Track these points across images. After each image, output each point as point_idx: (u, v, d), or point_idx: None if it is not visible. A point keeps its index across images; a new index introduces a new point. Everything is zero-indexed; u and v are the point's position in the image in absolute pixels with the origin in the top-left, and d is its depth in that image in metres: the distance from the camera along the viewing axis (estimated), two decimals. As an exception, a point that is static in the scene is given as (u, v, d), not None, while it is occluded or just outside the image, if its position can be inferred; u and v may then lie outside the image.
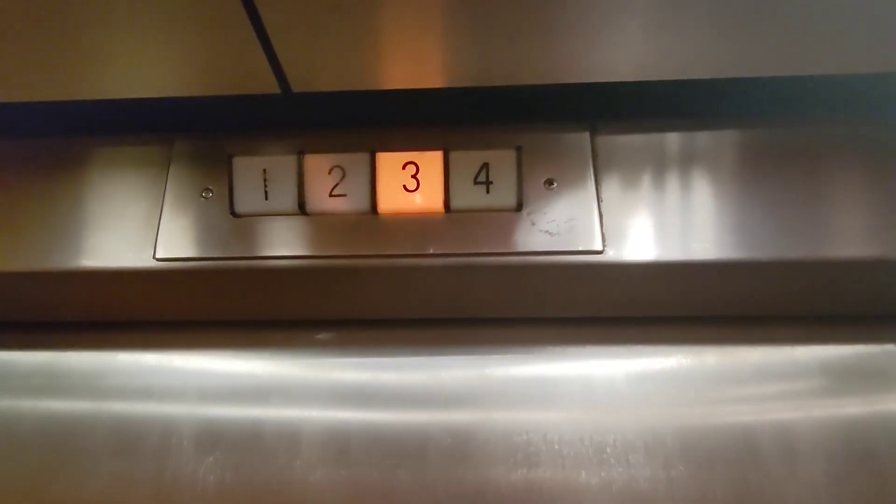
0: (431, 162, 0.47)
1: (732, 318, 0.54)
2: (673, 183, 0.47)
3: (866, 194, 0.46)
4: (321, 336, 0.57)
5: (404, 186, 0.48)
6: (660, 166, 0.48)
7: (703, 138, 0.48)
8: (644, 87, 0.45)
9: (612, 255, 0.47)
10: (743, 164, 0.47)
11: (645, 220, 0.47)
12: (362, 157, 0.48)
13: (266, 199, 0.49)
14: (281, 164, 0.49)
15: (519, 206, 0.47)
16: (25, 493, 0.54)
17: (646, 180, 0.48)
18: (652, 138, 0.48)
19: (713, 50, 0.40)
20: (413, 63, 0.42)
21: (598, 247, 0.46)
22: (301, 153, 0.49)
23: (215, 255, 0.49)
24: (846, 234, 0.46)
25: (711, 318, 0.54)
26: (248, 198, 0.49)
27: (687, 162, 0.48)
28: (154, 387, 0.55)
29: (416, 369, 0.55)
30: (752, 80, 0.44)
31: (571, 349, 0.55)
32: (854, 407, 0.51)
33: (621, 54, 0.41)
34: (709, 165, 0.47)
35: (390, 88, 0.44)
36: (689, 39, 0.39)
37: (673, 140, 0.48)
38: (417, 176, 0.47)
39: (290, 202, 0.48)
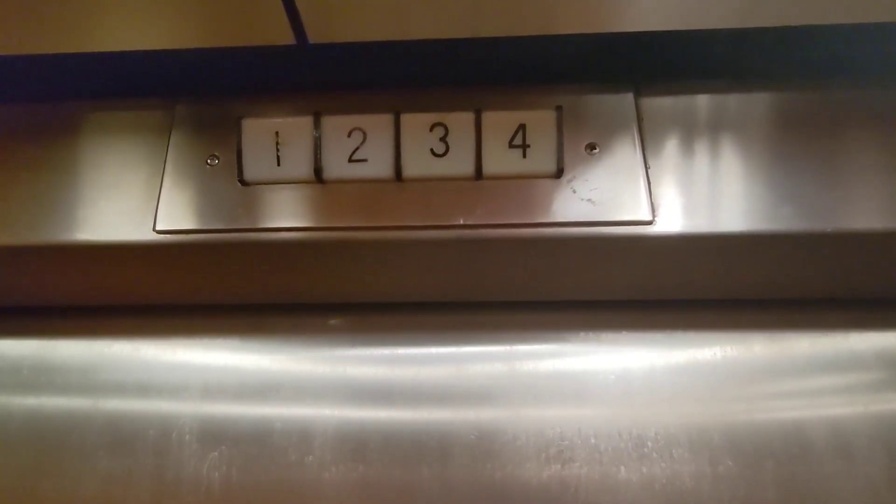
0: (462, 123, 0.43)
1: (781, 301, 0.51)
2: (725, 148, 0.44)
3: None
4: (334, 321, 0.53)
5: (431, 150, 0.44)
6: (710, 130, 0.44)
7: (757, 99, 0.44)
8: (692, 42, 0.41)
9: (662, 225, 0.42)
10: (802, 127, 0.43)
11: (696, 188, 0.43)
12: (385, 119, 0.44)
13: (278, 165, 0.45)
14: (295, 126, 0.45)
15: (559, 173, 0.43)
16: (12, 493, 0.50)
17: (695, 145, 0.44)
18: (701, 100, 0.44)
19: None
20: (443, 9, 0.38)
21: (647, 217, 0.42)
22: (317, 114, 0.45)
23: (221, 227, 0.45)
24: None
25: (758, 301, 0.51)
26: (258, 164, 0.45)
27: (740, 125, 0.44)
28: (153, 380, 0.51)
29: (439, 360, 0.51)
30: (815, 31, 0.40)
31: (606, 336, 0.51)
32: (914, 400, 0.47)
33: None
34: (765, 128, 0.44)
35: (418, 39, 0.40)
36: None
37: (724, 101, 0.44)
38: (446, 139, 0.43)
39: (304, 168, 0.44)
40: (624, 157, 0.43)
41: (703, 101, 0.44)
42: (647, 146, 0.44)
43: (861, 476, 0.46)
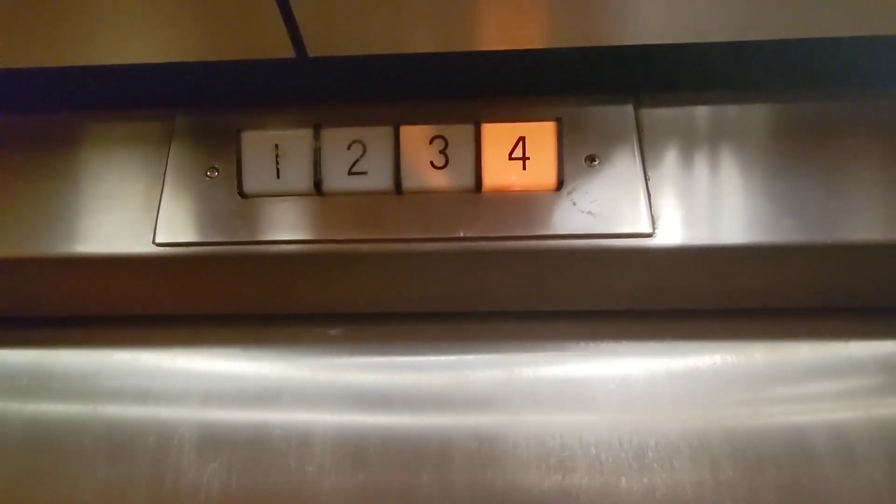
0: (462, 135, 0.43)
1: (781, 310, 0.50)
2: (725, 160, 0.43)
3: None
4: (334, 332, 0.52)
5: (431, 163, 0.43)
6: (710, 141, 0.44)
7: (757, 111, 0.44)
8: (691, 53, 0.41)
9: (662, 238, 0.42)
10: (802, 138, 0.43)
11: (696, 200, 0.43)
12: (385, 131, 0.44)
13: (278, 177, 0.44)
14: (294, 138, 0.44)
15: (559, 185, 0.43)
16: (11, 499, 0.49)
17: (695, 157, 0.44)
18: (700, 111, 0.44)
19: (776, 8, 0.36)
20: (442, 23, 0.38)
21: (647, 229, 0.42)
22: (317, 126, 0.44)
23: (221, 240, 0.44)
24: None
25: (758, 310, 0.50)
26: (257, 176, 0.45)
27: (740, 136, 0.44)
28: (153, 388, 0.51)
29: (439, 368, 0.51)
30: (814, 43, 0.40)
31: (607, 345, 0.51)
32: (914, 406, 0.47)
33: (669, 12, 0.37)
34: (765, 140, 0.43)
35: (417, 52, 0.40)
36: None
37: (724, 113, 0.44)
38: (446, 151, 0.43)
39: (304, 181, 0.44)
40: (624, 168, 0.43)
41: (702, 113, 0.44)
42: (647, 158, 0.44)
43: (862, 481, 0.46)
